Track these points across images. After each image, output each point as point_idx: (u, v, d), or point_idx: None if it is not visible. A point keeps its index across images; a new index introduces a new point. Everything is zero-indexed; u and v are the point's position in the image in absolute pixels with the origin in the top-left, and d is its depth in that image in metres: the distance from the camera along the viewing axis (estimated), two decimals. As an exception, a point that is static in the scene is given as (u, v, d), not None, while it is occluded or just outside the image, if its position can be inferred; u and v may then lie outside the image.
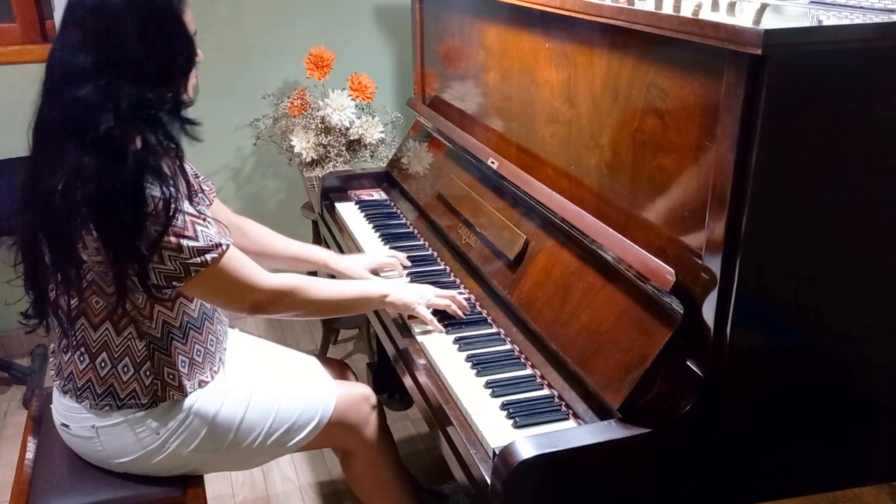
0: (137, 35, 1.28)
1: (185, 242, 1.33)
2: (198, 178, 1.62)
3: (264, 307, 1.47)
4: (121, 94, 1.28)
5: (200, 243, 1.35)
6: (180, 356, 1.47)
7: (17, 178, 2.50)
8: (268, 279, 1.46)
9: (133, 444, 1.47)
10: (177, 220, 1.31)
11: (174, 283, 1.36)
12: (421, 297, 1.61)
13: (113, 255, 1.30)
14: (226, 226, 1.45)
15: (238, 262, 1.41)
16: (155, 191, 1.29)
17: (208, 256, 1.36)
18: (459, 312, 1.62)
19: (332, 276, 1.90)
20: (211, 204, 1.66)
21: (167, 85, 1.34)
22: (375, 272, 1.85)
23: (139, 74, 1.29)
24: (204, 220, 1.37)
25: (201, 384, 1.51)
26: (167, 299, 1.42)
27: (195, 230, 1.34)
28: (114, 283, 1.34)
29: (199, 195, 1.54)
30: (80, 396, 1.46)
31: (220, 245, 1.37)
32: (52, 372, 1.53)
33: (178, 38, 1.33)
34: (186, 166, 1.45)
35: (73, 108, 1.29)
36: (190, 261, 1.34)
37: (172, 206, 1.30)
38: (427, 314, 1.60)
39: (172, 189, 1.31)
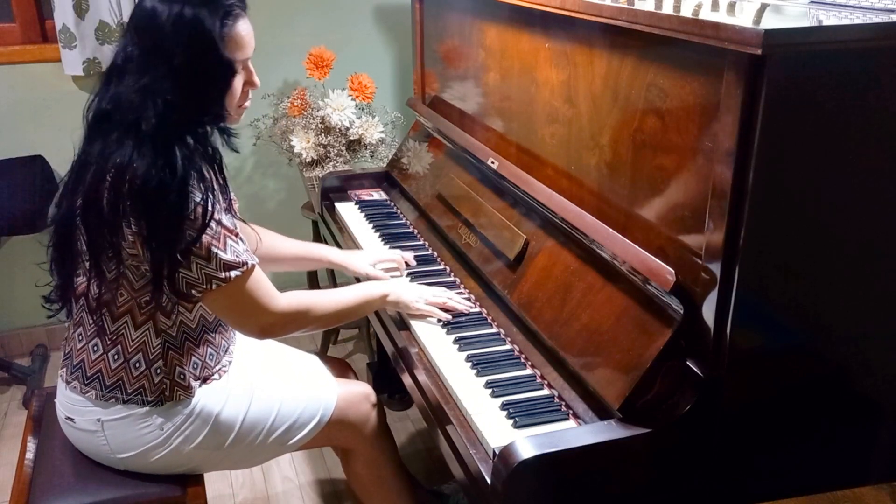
0: (178, 44, 1.34)
1: (214, 251, 1.35)
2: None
3: (273, 330, 1.50)
4: (158, 95, 1.33)
5: (228, 257, 1.37)
6: (193, 357, 1.49)
7: (17, 178, 2.52)
8: (281, 303, 1.48)
9: (136, 438, 1.48)
10: (212, 228, 1.34)
11: (194, 291, 1.37)
12: (419, 296, 1.65)
13: (150, 250, 1.33)
14: (258, 235, 1.45)
15: (257, 284, 1.43)
16: (196, 196, 1.33)
17: (233, 273, 1.38)
18: (459, 307, 1.65)
19: (335, 282, 1.90)
20: (236, 216, 1.67)
21: (200, 95, 1.38)
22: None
23: (176, 80, 1.34)
24: (236, 235, 1.40)
25: (207, 381, 1.52)
26: (191, 302, 1.43)
27: (226, 243, 1.37)
28: (150, 275, 1.36)
29: (234, 207, 1.56)
30: (86, 387, 1.47)
31: (247, 263, 1.40)
32: (62, 360, 1.54)
33: (209, 58, 1.36)
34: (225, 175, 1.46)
35: (119, 101, 1.35)
36: (214, 273, 1.36)
37: (210, 212, 1.33)
38: (427, 308, 1.63)
39: (212, 196, 1.34)
